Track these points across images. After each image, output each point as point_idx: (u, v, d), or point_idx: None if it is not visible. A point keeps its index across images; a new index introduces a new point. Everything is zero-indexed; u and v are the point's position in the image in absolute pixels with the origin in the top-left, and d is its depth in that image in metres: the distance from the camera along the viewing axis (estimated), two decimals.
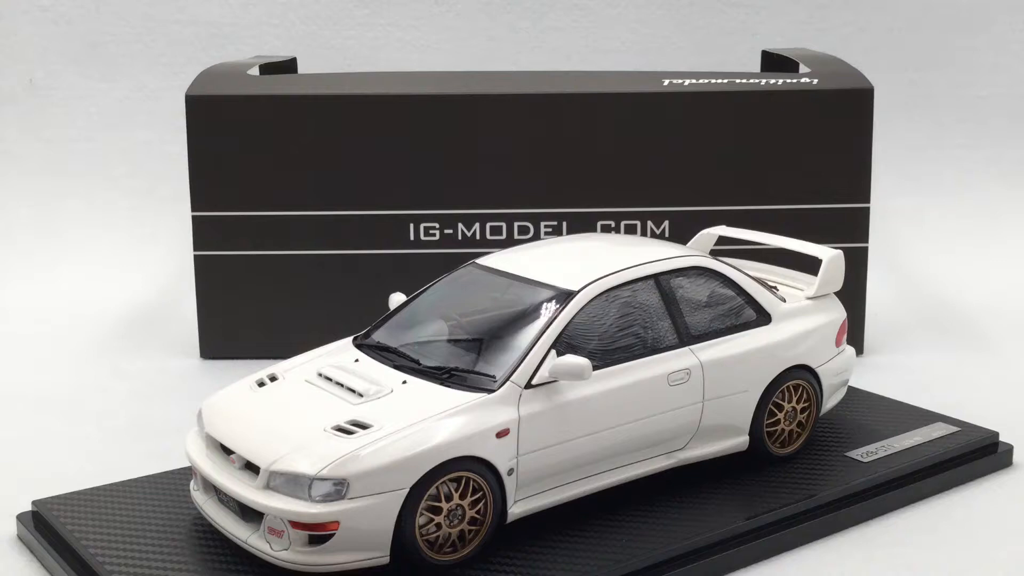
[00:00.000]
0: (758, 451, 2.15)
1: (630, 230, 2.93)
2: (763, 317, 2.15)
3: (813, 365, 2.19)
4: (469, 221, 2.92)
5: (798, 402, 2.19)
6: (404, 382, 1.89)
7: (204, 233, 2.91)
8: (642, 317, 2.01)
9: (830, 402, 2.28)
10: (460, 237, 2.92)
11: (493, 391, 1.83)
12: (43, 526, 1.99)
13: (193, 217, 2.91)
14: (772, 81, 2.92)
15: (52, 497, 2.05)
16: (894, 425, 2.35)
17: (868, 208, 2.93)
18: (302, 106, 2.88)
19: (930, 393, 2.63)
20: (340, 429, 1.78)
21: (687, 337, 2.04)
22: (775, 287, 2.27)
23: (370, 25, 4.12)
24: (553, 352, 1.88)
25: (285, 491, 1.73)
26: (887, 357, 2.98)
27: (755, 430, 2.13)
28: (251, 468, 1.79)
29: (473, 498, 1.80)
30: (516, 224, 2.92)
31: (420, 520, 1.76)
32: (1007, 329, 3.20)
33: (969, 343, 3.10)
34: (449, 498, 1.78)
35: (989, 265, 3.72)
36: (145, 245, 3.86)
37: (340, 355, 2.03)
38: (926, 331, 3.19)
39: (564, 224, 2.92)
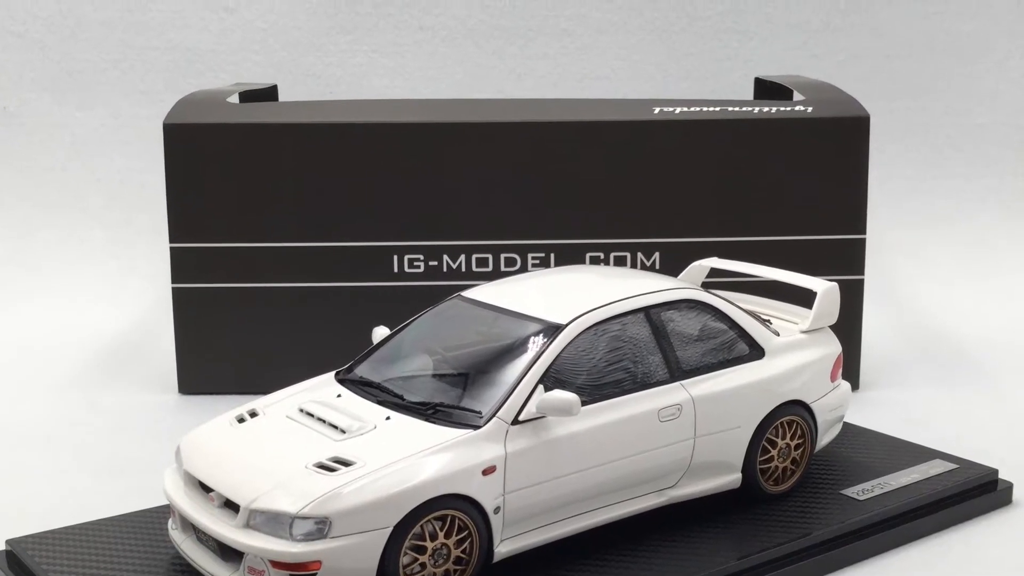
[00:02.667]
0: (751, 489, 2.12)
1: (620, 262, 2.90)
2: (756, 351, 2.12)
3: (808, 400, 2.17)
4: (454, 253, 2.88)
5: (792, 438, 2.16)
6: (388, 418, 1.86)
7: (182, 265, 2.87)
8: (632, 351, 1.98)
9: (825, 438, 2.25)
10: (445, 269, 2.88)
11: (479, 427, 1.80)
12: (17, 566, 1.96)
13: (171, 248, 2.87)
14: (765, 109, 2.90)
15: (27, 536, 2.02)
16: (890, 462, 2.33)
17: (864, 239, 2.90)
18: (283, 135, 2.85)
19: (927, 429, 2.59)
20: (322, 466, 1.75)
21: (678, 372, 2.01)
22: (768, 320, 2.25)
23: (353, 52, 4.12)
24: (541, 387, 1.85)
25: (265, 530, 1.71)
26: (883, 392, 2.95)
27: (748, 467, 2.10)
28: (231, 506, 1.76)
29: (458, 537, 1.78)
30: (503, 256, 2.89)
31: (404, 560, 1.73)
32: (1006, 363, 3.17)
33: (968, 378, 3.07)
34: (434, 537, 1.75)
35: (987, 298, 3.70)
36: (122, 277, 3.84)
37: (322, 390, 2.01)
38: (923, 365, 3.16)
39: (552, 256, 2.89)
